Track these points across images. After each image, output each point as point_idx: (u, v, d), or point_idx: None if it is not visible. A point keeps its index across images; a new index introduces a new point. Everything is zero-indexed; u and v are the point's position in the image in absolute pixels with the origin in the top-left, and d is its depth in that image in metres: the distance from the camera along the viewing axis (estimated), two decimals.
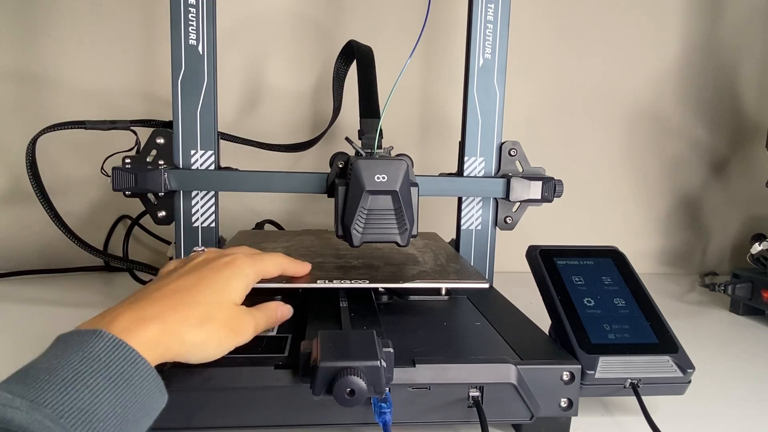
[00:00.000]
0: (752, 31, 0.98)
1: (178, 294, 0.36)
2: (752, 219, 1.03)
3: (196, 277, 0.38)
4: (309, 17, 0.90)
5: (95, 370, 0.28)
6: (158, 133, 0.59)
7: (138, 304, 0.34)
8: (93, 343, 0.29)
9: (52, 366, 0.27)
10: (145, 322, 0.32)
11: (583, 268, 0.51)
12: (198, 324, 0.35)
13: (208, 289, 0.37)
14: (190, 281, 0.38)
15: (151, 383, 0.30)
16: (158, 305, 0.34)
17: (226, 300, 0.38)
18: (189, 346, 0.34)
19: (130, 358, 0.30)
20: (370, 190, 0.48)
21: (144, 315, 0.33)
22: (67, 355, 0.28)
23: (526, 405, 0.40)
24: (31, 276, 0.83)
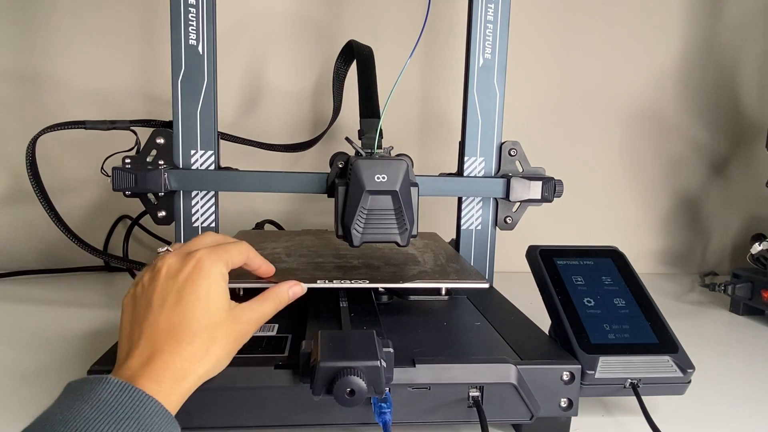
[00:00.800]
0: (752, 31, 0.98)
1: (173, 332, 0.35)
2: (752, 219, 1.03)
3: (177, 302, 0.37)
4: (309, 17, 0.90)
5: (106, 415, 0.29)
6: (158, 133, 0.59)
7: (139, 349, 0.35)
8: (101, 390, 0.30)
9: (65, 418, 0.29)
10: (154, 372, 0.33)
11: (583, 268, 0.51)
12: (204, 354, 0.35)
13: (195, 312, 0.36)
14: (176, 313, 0.36)
15: (162, 419, 0.31)
16: (159, 348, 0.34)
17: (217, 314, 0.37)
18: (204, 374, 0.35)
19: (137, 398, 0.31)
20: (370, 190, 0.48)
21: (150, 364, 0.34)
22: (78, 405, 0.29)
23: (526, 405, 0.40)
24: (31, 276, 0.83)
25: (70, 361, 0.53)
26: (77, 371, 0.50)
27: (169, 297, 0.37)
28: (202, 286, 0.37)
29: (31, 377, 0.49)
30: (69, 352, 0.55)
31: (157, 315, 0.36)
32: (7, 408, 0.44)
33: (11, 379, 0.49)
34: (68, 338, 0.59)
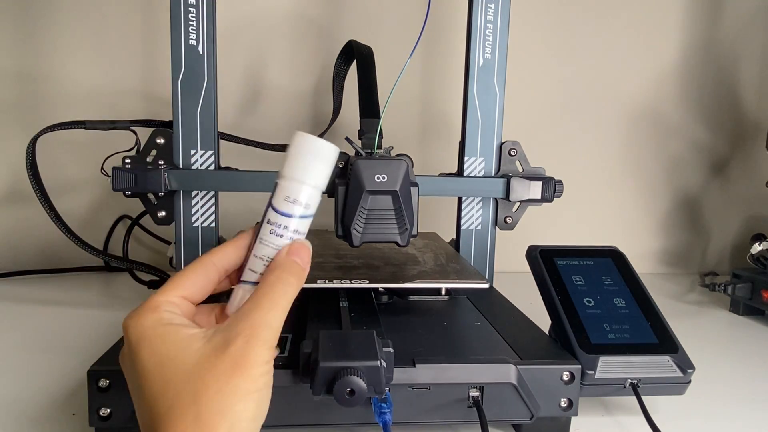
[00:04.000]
0: (752, 31, 0.98)
1: (196, 418, 0.26)
2: (752, 219, 1.03)
3: (136, 389, 0.29)
4: (309, 17, 0.90)
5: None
6: (158, 133, 0.59)
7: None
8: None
9: None
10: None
11: (583, 268, 0.51)
12: (239, 419, 0.27)
13: (152, 390, 0.28)
14: (142, 404, 0.28)
15: None
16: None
17: (182, 373, 0.28)
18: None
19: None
20: (370, 190, 0.48)
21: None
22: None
23: (526, 405, 0.40)
24: (31, 276, 0.83)
25: (70, 361, 0.53)
26: (77, 371, 0.50)
27: (130, 383, 0.30)
28: (141, 357, 0.28)
29: (30, 377, 0.49)
30: (69, 352, 0.55)
31: (137, 407, 0.29)
32: (7, 408, 0.44)
33: (11, 379, 0.49)
34: (68, 338, 0.59)
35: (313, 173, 0.34)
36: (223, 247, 0.35)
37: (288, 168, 0.34)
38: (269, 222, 0.34)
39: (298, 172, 0.34)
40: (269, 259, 0.34)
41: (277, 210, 0.34)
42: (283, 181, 0.34)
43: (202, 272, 0.33)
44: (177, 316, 0.31)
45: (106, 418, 0.37)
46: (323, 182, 0.35)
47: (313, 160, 0.34)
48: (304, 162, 0.33)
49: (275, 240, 0.34)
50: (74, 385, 0.48)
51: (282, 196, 0.34)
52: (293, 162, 0.34)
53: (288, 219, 0.34)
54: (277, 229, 0.34)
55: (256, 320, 0.29)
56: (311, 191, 0.34)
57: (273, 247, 0.34)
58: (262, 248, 0.34)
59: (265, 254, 0.34)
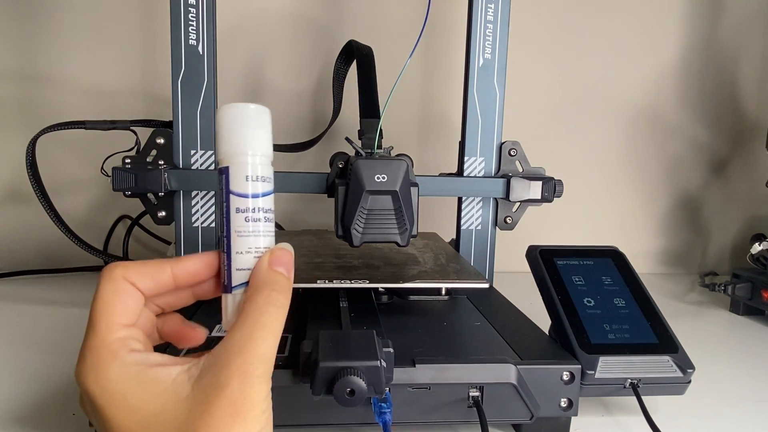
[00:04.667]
0: (752, 32, 0.98)
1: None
2: (752, 219, 1.03)
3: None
4: (309, 17, 0.90)
5: None
6: (158, 133, 0.59)
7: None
8: None
9: None
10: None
11: (583, 268, 0.51)
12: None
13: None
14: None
15: None
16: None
17: (209, 425, 0.24)
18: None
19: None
20: (370, 190, 0.48)
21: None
22: None
23: (526, 405, 0.40)
24: (31, 276, 0.83)
25: (70, 361, 0.53)
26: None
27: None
28: (117, 417, 0.25)
29: (30, 377, 0.49)
30: (69, 352, 0.55)
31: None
32: (7, 408, 0.44)
33: (11, 379, 0.49)
34: (68, 338, 0.59)
35: (262, 142, 0.31)
36: (184, 257, 0.31)
37: (233, 144, 0.30)
38: (238, 210, 0.30)
39: (247, 144, 0.30)
40: (257, 249, 0.30)
41: (240, 194, 0.30)
42: (235, 160, 0.30)
43: (151, 269, 0.29)
44: (142, 353, 0.26)
45: None
46: (270, 149, 0.32)
47: (256, 128, 0.31)
48: (247, 133, 0.30)
49: (254, 226, 0.30)
50: (74, 385, 0.47)
51: (242, 177, 0.30)
52: (236, 136, 0.30)
53: (257, 199, 0.30)
54: (251, 214, 0.30)
55: (249, 355, 0.26)
56: (265, 161, 0.31)
57: (255, 235, 0.30)
58: (245, 240, 0.30)
59: (251, 245, 0.30)
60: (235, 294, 0.30)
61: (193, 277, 0.30)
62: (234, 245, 0.30)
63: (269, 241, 0.31)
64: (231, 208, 0.30)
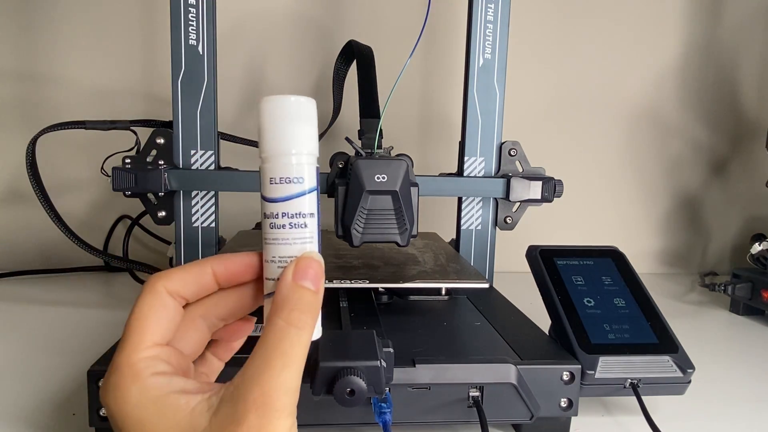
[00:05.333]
0: (752, 32, 0.98)
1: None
2: (752, 219, 1.03)
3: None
4: (309, 17, 0.90)
5: None
6: (158, 133, 0.59)
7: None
8: None
9: None
10: None
11: (583, 268, 0.51)
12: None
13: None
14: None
15: None
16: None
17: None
18: None
19: None
20: (370, 190, 0.48)
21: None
22: None
23: (526, 405, 0.40)
24: (31, 276, 0.83)
25: (70, 361, 0.53)
26: (77, 371, 0.50)
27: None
28: (118, 428, 0.24)
29: (30, 377, 0.49)
30: (69, 352, 0.55)
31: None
32: (7, 408, 0.44)
33: (11, 379, 0.49)
34: (68, 338, 0.59)
35: (295, 138, 0.28)
36: (224, 255, 0.29)
37: (264, 144, 0.28)
38: (266, 216, 0.28)
39: (276, 144, 0.27)
40: (281, 260, 0.28)
41: (267, 198, 0.28)
42: (264, 163, 0.28)
43: (194, 272, 0.28)
44: (166, 377, 0.25)
45: (106, 418, 0.37)
46: (312, 145, 0.28)
47: (290, 123, 0.27)
48: (280, 130, 0.27)
49: (279, 234, 0.28)
50: (74, 385, 0.48)
51: (267, 180, 0.28)
52: (268, 135, 0.27)
53: (283, 204, 0.28)
54: (275, 220, 0.28)
55: (268, 385, 0.23)
56: (299, 160, 0.28)
57: (280, 243, 0.28)
58: (270, 249, 0.28)
59: (276, 255, 0.28)
60: (267, 303, 0.28)
61: (235, 276, 0.28)
62: (264, 252, 0.28)
63: (300, 249, 0.28)
64: (262, 212, 0.28)
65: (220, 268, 0.28)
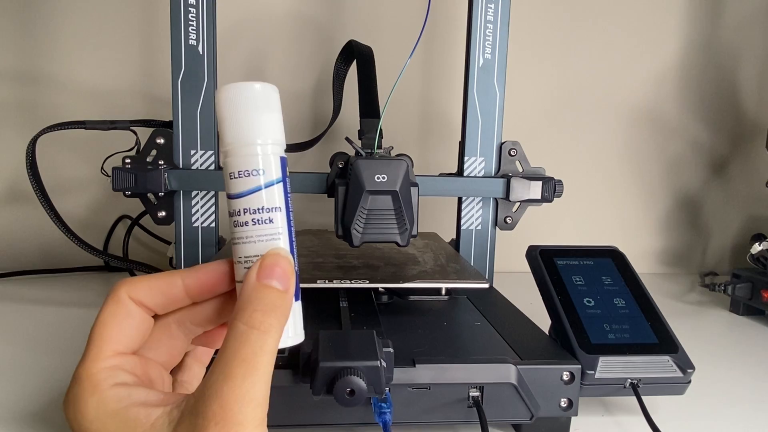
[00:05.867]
0: (752, 32, 0.98)
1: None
2: (752, 219, 1.03)
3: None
4: (309, 17, 0.90)
5: None
6: (158, 133, 0.59)
7: None
8: None
9: None
10: None
11: (583, 268, 0.51)
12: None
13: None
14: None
15: None
16: None
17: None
18: None
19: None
20: (370, 190, 0.48)
21: None
22: None
23: (526, 405, 0.40)
24: (31, 276, 0.83)
25: (70, 361, 0.53)
26: None
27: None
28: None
29: (30, 377, 0.49)
30: (69, 352, 0.55)
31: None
32: (7, 408, 0.44)
33: (11, 379, 0.49)
34: (68, 338, 0.59)
35: (255, 127, 0.26)
36: (197, 266, 0.27)
37: (224, 136, 0.26)
38: (229, 214, 0.26)
39: (235, 134, 0.25)
40: (247, 260, 0.26)
41: (229, 195, 0.26)
42: (225, 157, 0.26)
43: (160, 283, 0.26)
44: (126, 388, 0.23)
45: None
46: (276, 134, 0.27)
47: (248, 111, 0.26)
48: (237, 119, 0.25)
49: (243, 231, 0.25)
50: None
51: (227, 175, 0.26)
52: (226, 125, 0.25)
53: (244, 199, 0.25)
54: (238, 218, 0.25)
55: (228, 397, 0.22)
56: (262, 151, 0.26)
57: (244, 242, 0.26)
58: (235, 249, 0.26)
59: (241, 255, 0.26)
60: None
61: (208, 287, 0.27)
62: (233, 254, 0.27)
63: (265, 248, 0.26)
64: (228, 210, 0.26)
65: (191, 281, 0.26)
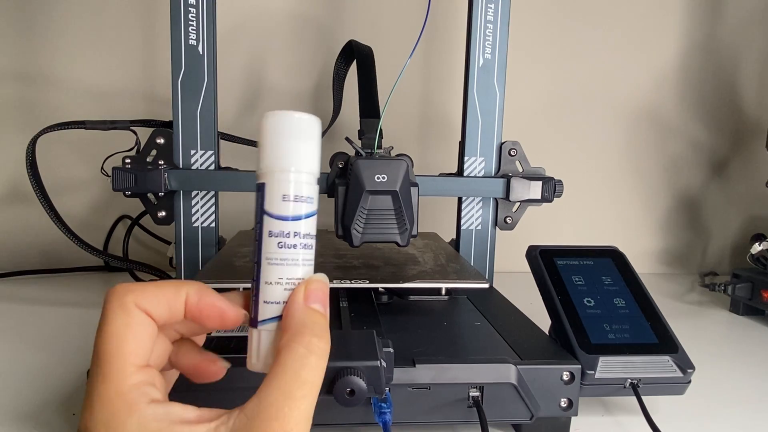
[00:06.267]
0: (752, 31, 0.98)
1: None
2: (752, 219, 1.03)
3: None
4: (309, 17, 0.90)
5: None
6: (158, 133, 0.59)
7: None
8: None
9: None
10: None
11: (583, 268, 0.51)
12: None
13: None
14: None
15: None
16: None
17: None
18: None
19: None
20: (370, 190, 0.48)
21: None
22: None
23: (526, 405, 0.40)
24: (31, 276, 0.83)
25: (70, 361, 0.53)
26: (77, 371, 0.50)
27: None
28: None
29: (30, 377, 0.49)
30: (69, 351, 0.55)
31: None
32: (6, 408, 0.44)
33: (11, 379, 0.49)
34: (68, 338, 0.59)
35: (311, 157, 0.27)
36: (213, 293, 0.27)
37: (273, 158, 0.26)
38: (271, 234, 0.27)
39: (292, 158, 0.26)
40: (289, 281, 0.27)
41: (276, 216, 0.27)
42: (274, 176, 0.27)
43: (167, 295, 0.25)
44: (163, 405, 0.23)
45: None
46: (318, 165, 0.28)
47: (308, 140, 0.27)
48: (298, 145, 0.26)
49: (288, 253, 0.26)
50: (74, 385, 0.48)
51: (278, 196, 0.27)
52: (281, 148, 0.26)
53: (295, 223, 0.27)
54: (286, 240, 0.26)
55: (290, 416, 0.22)
56: (310, 180, 0.27)
57: (289, 264, 0.27)
58: (275, 269, 0.27)
59: (282, 276, 0.27)
60: (261, 330, 0.27)
61: (207, 313, 0.27)
62: (264, 273, 0.27)
63: (306, 272, 0.27)
64: (264, 230, 0.27)
65: (194, 298, 0.26)
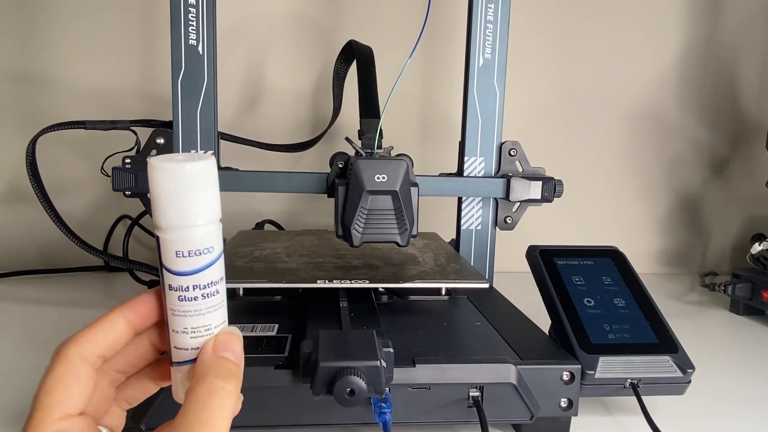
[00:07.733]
0: (752, 32, 0.98)
1: None
2: (752, 219, 1.03)
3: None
4: (309, 17, 0.90)
5: None
6: (158, 133, 0.59)
7: None
8: None
9: None
10: None
11: (583, 268, 0.51)
12: None
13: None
14: None
15: None
16: None
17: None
18: None
19: None
20: (370, 190, 0.48)
21: None
22: None
23: (526, 405, 0.40)
24: (31, 276, 0.83)
25: None
26: None
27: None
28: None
29: (30, 377, 0.49)
30: None
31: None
32: (6, 408, 0.44)
33: (11, 380, 0.49)
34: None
35: (201, 208, 0.26)
36: (132, 300, 0.28)
37: (164, 214, 0.25)
38: (171, 288, 0.26)
39: (179, 215, 0.25)
40: (195, 330, 0.27)
41: (174, 272, 0.26)
42: (165, 233, 0.26)
43: (104, 328, 0.27)
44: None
45: None
46: (217, 210, 0.27)
47: (192, 192, 0.25)
48: (181, 201, 0.25)
49: (189, 306, 0.27)
50: None
51: (172, 253, 0.26)
52: (167, 206, 0.25)
53: (193, 276, 0.26)
54: (185, 293, 0.26)
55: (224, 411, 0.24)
56: (206, 231, 0.26)
57: (192, 315, 0.27)
58: (180, 320, 0.27)
59: (186, 326, 0.27)
60: (177, 370, 0.28)
61: (148, 318, 0.28)
62: (170, 323, 0.27)
63: (213, 318, 0.27)
64: (165, 283, 0.27)
65: (132, 315, 0.28)
